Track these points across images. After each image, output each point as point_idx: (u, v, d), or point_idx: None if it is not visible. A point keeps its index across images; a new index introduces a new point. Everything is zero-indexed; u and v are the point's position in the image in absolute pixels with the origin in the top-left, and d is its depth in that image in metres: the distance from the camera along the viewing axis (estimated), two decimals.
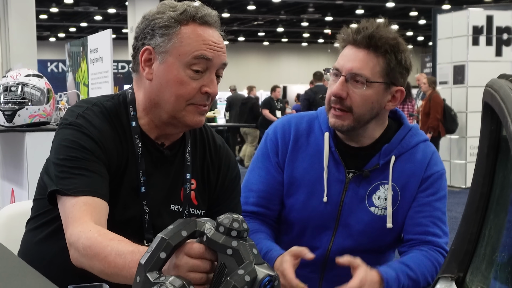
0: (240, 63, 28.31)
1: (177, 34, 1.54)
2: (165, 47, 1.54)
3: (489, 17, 9.91)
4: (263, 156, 1.95)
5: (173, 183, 1.65)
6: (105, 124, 1.57)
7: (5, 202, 4.15)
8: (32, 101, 3.64)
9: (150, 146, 1.63)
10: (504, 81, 1.20)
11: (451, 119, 9.58)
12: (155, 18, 1.56)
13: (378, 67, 1.78)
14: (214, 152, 1.74)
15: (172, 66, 1.55)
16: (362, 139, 1.88)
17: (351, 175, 1.88)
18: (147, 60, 1.57)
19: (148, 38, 1.56)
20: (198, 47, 1.54)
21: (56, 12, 21.21)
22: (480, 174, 1.27)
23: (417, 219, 1.87)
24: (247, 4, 20.19)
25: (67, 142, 1.53)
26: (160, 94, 1.57)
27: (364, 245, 1.89)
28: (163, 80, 1.56)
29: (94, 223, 1.41)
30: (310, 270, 1.92)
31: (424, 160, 1.89)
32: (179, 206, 1.65)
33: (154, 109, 1.60)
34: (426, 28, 23.63)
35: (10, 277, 1.34)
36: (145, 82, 1.59)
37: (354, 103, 1.79)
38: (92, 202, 1.45)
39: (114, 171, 1.56)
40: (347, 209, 1.88)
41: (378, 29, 1.79)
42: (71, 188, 1.46)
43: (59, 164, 1.51)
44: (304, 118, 1.96)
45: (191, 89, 1.55)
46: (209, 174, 1.71)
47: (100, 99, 1.65)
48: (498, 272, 1.18)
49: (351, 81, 1.79)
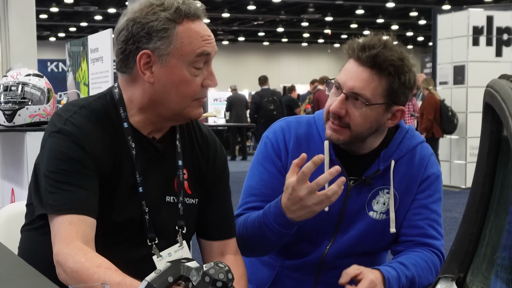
0: (240, 63, 28.29)
1: (176, 35, 1.53)
2: (165, 50, 1.53)
3: (489, 17, 9.91)
4: (264, 160, 1.91)
5: (167, 174, 1.66)
6: (94, 128, 1.56)
7: (5, 201, 4.15)
8: (32, 101, 3.64)
9: (143, 143, 1.62)
10: (505, 82, 1.20)
11: (448, 120, 9.54)
12: (149, 21, 1.53)
13: (380, 88, 1.75)
14: (201, 140, 1.74)
15: (175, 67, 1.54)
16: (360, 149, 1.87)
17: (353, 183, 1.86)
18: (146, 63, 1.55)
19: (144, 42, 1.54)
20: (198, 44, 1.55)
21: (56, 12, 21.20)
22: (481, 174, 1.27)
23: (414, 221, 1.87)
24: (247, 4, 20.18)
25: (57, 153, 1.52)
26: (164, 95, 1.57)
27: (361, 249, 1.89)
28: (168, 82, 1.55)
29: (81, 241, 1.43)
30: (305, 272, 1.91)
31: (422, 163, 1.89)
32: (174, 197, 1.66)
33: (155, 108, 1.59)
34: (426, 28, 23.61)
35: (10, 276, 1.34)
36: (143, 84, 1.58)
37: (353, 121, 1.77)
38: (77, 220, 1.46)
39: (108, 174, 1.56)
40: (347, 217, 1.87)
41: (384, 49, 1.74)
42: (57, 205, 1.47)
43: (48, 177, 1.51)
44: (302, 123, 1.93)
45: (196, 87, 1.57)
46: (200, 163, 1.72)
47: (88, 99, 1.64)
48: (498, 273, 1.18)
49: (351, 100, 1.76)
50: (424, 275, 1.82)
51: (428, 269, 1.82)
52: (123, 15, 1.60)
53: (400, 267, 1.78)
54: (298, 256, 1.91)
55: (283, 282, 1.94)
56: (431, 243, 1.86)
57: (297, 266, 1.91)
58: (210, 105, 21.12)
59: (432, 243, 1.86)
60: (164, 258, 1.62)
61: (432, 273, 1.83)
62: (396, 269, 1.77)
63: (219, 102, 20.50)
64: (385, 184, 1.86)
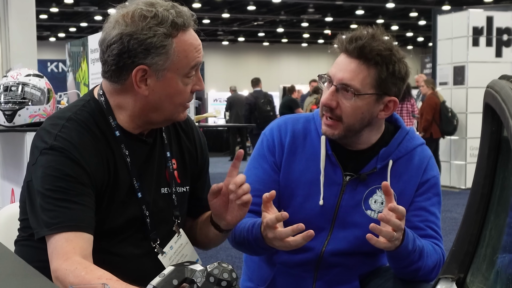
0: (240, 64, 28.28)
1: (174, 50, 1.54)
2: (163, 66, 1.54)
3: (489, 18, 9.91)
4: (259, 156, 1.95)
5: (158, 167, 1.69)
6: (85, 139, 1.57)
7: (5, 202, 4.15)
8: (33, 101, 3.64)
9: (134, 142, 1.64)
10: (505, 82, 1.20)
11: (447, 121, 9.54)
12: (147, 38, 1.52)
13: (368, 78, 1.78)
14: (184, 125, 1.79)
15: (171, 80, 1.56)
16: (357, 145, 1.89)
17: (348, 178, 1.88)
18: (141, 77, 1.56)
19: (141, 57, 1.53)
20: (193, 56, 1.57)
21: (56, 12, 21.19)
22: (481, 175, 1.27)
23: (414, 223, 1.87)
24: (247, 5, 20.17)
25: (51, 170, 1.52)
26: (157, 105, 1.59)
27: (358, 248, 1.89)
28: (162, 95, 1.57)
29: (79, 256, 1.45)
30: (304, 269, 1.92)
31: (421, 165, 1.90)
32: (168, 188, 1.70)
33: (146, 115, 1.61)
34: (426, 29, 23.61)
35: (10, 276, 1.34)
36: (135, 95, 1.58)
37: (344, 113, 1.80)
38: (74, 237, 1.47)
39: (106, 181, 1.58)
40: (343, 212, 1.88)
41: (371, 40, 1.78)
42: (54, 223, 1.48)
43: (45, 195, 1.51)
44: (300, 120, 1.96)
45: (187, 95, 1.61)
46: (188, 148, 1.76)
47: (72, 109, 1.63)
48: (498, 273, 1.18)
49: (341, 91, 1.79)
50: (431, 254, 1.82)
51: (434, 252, 1.83)
52: (111, 25, 1.56)
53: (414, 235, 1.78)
54: (296, 252, 1.92)
55: (283, 279, 1.95)
56: (432, 241, 1.86)
57: (296, 263, 1.91)
58: (210, 105, 21.13)
59: (434, 241, 1.87)
60: (167, 254, 1.66)
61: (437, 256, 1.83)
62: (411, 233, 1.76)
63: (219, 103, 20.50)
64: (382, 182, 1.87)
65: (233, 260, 5.19)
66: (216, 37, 27.16)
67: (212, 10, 20.60)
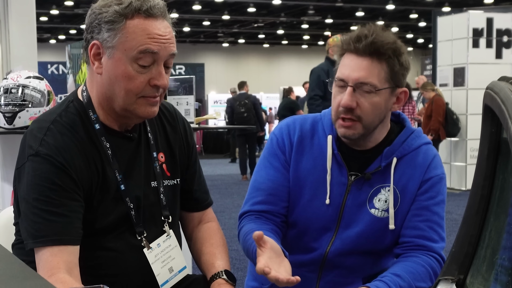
0: (240, 65, 28.28)
1: (123, 29, 1.54)
2: (111, 42, 1.55)
3: (489, 19, 9.91)
4: (270, 155, 1.96)
5: (146, 161, 1.69)
6: (70, 141, 1.57)
7: (6, 204, 4.15)
8: (33, 103, 3.64)
9: (117, 137, 1.64)
10: (504, 84, 1.20)
11: (453, 123, 9.60)
12: (101, 12, 1.56)
13: (383, 73, 1.79)
14: (169, 117, 1.79)
15: (119, 61, 1.55)
16: (367, 143, 1.89)
17: (353, 178, 1.88)
18: (96, 54, 1.58)
19: (96, 32, 1.57)
20: (143, 41, 1.54)
21: (57, 14, 21.21)
22: (481, 176, 1.27)
23: (414, 222, 1.87)
24: (247, 7, 20.18)
25: (37, 178, 1.53)
26: (110, 88, 1.58)
27: (363, 247, 1.89)
28: (112, 75, 1.57)
29: (64, 271, 1.46)
30: (308, 270, 1.93)
31: (424, 163, 1.89)
32: (157, 182, 1.70)
33: (107, 103, 1.61)
34: (426, 31, 23.62)
35: (11, 279, 1.34)
36: (96, 76, 1.60)
37: (364, 111, 1.80)
38: (58, 252, 1.49)
39: (95, 181, 1.58)
40: (348, 212, 1.88)
41: (378, 35, 1.79)
42: (40, 236, 1.50)
43: (31, 204, 1.53)
44: (308, 120, 1.97)
45: (139, 83, 1.56)
46: (175, 140, 1.77)
47: (56, 110, 1.64)
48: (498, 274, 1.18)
49: (359, 91, 1.80)
50: (422, 280, 1.81)
51: (426, 274, 1.82)
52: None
53: (394, 279, 1.77)
54: (301, 252, 1.93)
55: None
56: (429, 245, 1.86)
57: (300, 262, 1.91)
58: (210, 107, 21.13)
59: (430, 245, 1.86)
60: (154, 250, 1.66)
61: (430, 277, 1.83)
62: (388, 282, 1.76)
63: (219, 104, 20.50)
64: (386, 182, 1.88)
65: (233, 262, 5.20)
66: (216, 39, 27.18)
67: (213, 12, 20.61)
